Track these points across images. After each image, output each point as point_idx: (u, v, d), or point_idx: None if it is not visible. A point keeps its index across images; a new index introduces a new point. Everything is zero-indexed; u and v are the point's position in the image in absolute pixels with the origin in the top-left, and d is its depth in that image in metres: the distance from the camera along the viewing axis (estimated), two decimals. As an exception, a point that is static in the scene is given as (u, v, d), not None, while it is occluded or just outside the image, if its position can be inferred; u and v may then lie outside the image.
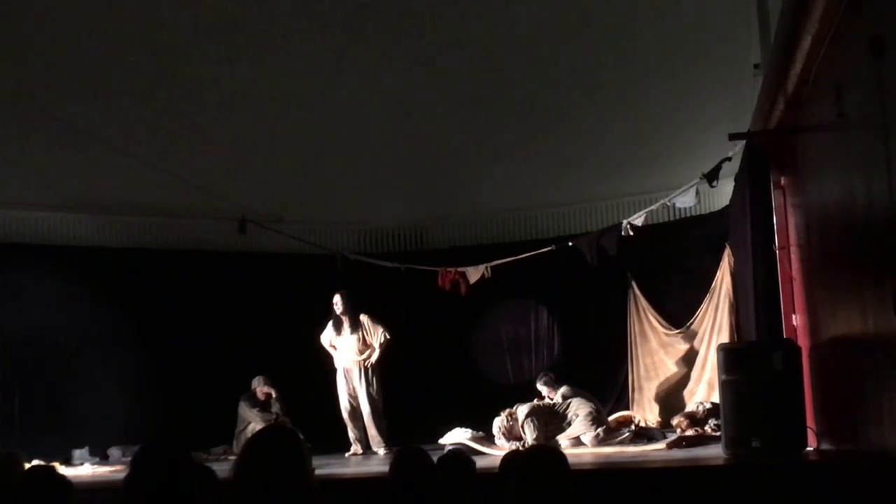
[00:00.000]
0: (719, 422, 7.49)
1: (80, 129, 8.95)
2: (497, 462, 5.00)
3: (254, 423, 9.90)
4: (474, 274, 10.89)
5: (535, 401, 9.66)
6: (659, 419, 10.64)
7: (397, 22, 7.59)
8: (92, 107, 8.64)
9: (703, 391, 10.36)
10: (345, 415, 10.12)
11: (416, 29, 7.71)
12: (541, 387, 9.86)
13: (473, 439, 9.30)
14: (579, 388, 9.74)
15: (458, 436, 9.38)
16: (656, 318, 11.17)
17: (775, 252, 7.52)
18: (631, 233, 9.85)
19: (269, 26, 7.53)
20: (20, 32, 7.35)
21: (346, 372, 10.18)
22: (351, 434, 10.11)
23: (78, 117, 8.79)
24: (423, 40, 7.90)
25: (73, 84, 8.19)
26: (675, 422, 9.55)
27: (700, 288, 10.76)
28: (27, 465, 4.81)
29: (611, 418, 9.99)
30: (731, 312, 10.23)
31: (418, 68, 8.29)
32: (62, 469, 6.67)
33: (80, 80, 8.14)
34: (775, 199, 7.62)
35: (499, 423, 9.41)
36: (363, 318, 10.17)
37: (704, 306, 10.70)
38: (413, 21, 7.59)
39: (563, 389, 9.70)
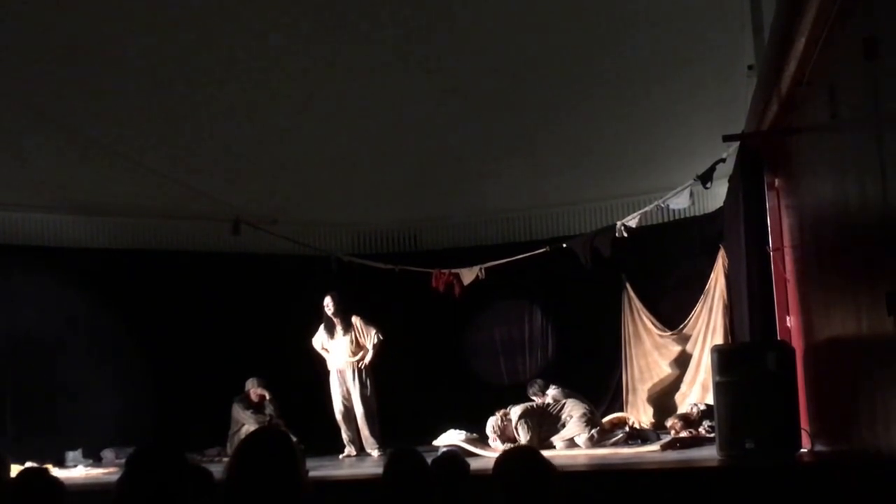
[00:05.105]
0: (713, 423, 7.50)
1: (73, 130, 8.93)
2: (491, 464, 5.01)
3: (247, 424, 9.88)
4: (468, 275, 10.90)
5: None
6: (653, 420, 10.65)
7: (393, 24, 7.58)
8: (86, 108, 8.62)
9: (697, 393, 10.37)
10: (338, 416, 10.11)
11: (411, 31, 7.71)
12: (532, 396, 9.88)
13: (467, 441, 9.30)
14: (569, 390, 9.75)
15: (451, 437, 9.38)
16: (650, 320, 11.18)
17: (769, 253, 7.53)
18: (625, 234, 9.87)
19: (266, 28, 7.52)
20: (16, 33, 7.33)
21: (340, 373, 10.17)
22: (345, 436, 10.10)
23: (72, 119, 8.77)
24: (418, 43, 7.89)
25: (68, 85, 8.17)
26: (669, 423, 9.56)
27: (694, 289, 10.77)
28: (20, 468, 4.79)
29: (605, 420, 9.99)
30: (725, 314, 10.24)
31: (413, 70, 8.29)
32: (55, 471, 6.65)
33: (75, 82, 8.12)
34: (769, 201, 7.63)
35: (493, 423, 9.41)
36: (355, 319, 10.15)
37: (698, 308, 10.71)
38: (408, 23, 7.59)
39: (552, 392, 9.72)
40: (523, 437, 9.17)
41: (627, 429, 9.62)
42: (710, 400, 8.23)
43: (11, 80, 8.00)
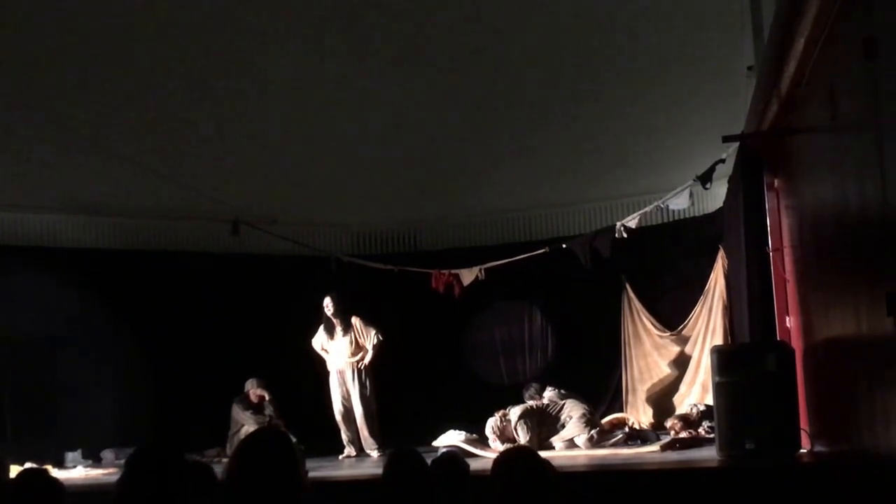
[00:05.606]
0: (713, 424, 7.50)
1: (73, 130, 8.93)
2: (491, 464, 5.01)
3: (247, 425, 9.88)
4: (468, 276, 10.89)
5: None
6: (652, 421, 10.65)
7: (393, 25, 7.58)
8: (85, 108, 8.62)
9: (697, 393, 10.37)
10: (338, 417, 10.11)
11: (411, 32, 7.71)
12: (528, 399, 9.88)
13: (467, 441, 9.29)
14: (566, 391, 9.75)
15: (451, 438, 9.37)
16: (650, 320, 11.18)
17: (769, 254, 7.53)
18: (625, 235, 9.86)
19: (265, 28, 7.52)
20: (15, 34, 7.33)
21: (340, 374, 10.17)
22: (344, 436, 10.10)
23: (72, 119, 8.77)
24: (417, 44, 7.89)
25: (66, 85, 8.16)
26: (668, 424, 9.56)
27: (694, 290, 10.76)
28: (20, 468, 4.78)
29: (604, 420, 9.99)
30: (724, 314, 10.24)
31: (413, 70, 8.28)
32: (54, 472, 6.65)
33: (73, 82, 8.11)
34: (769, 201, 7.63)
35: (492, 424, 9.41)
36: (354, 320, 10.15)
37: (698, 308, 10.71)
38: (408, 24, 7.59)
39: (549, 394, 9.73)
40: (523, 437, 9.17)
41: (627, 429, 9.62)
42: (710, 400, 8.23)
43: (11, 80, 8.00)
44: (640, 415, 10.89)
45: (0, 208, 10.69)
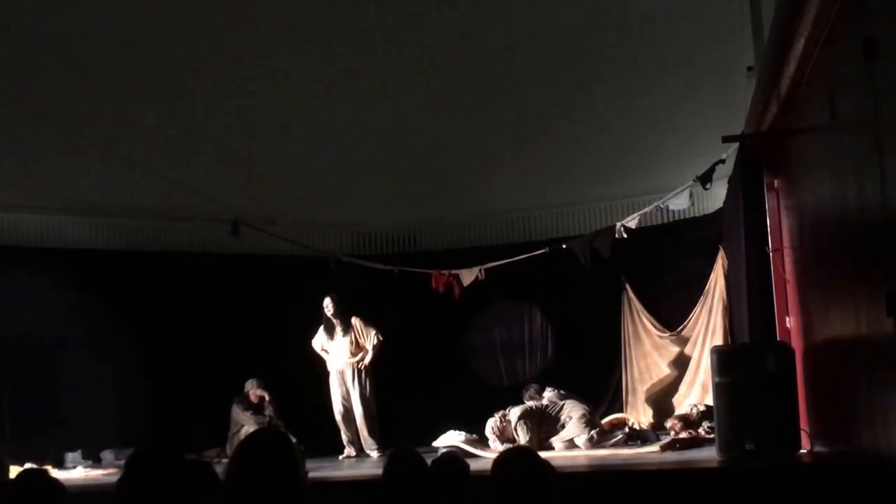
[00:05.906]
0: (713, 424, 7.50)
1: (71, 131, 8.93)
2: (490, 465, 5.00)
3: (247, 426, 9.88)
4: (468, 276, 10.89)
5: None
6: (652, 421, 10.65)
7: (392, 25, 7.58)
8: (84, 109, 8.62)
9: (697, 393, 10.37)
10: (338, 417, 10.12)
11: (410, 31, 7.71)
12: (527, 400, 9.88)
13: (467, 442, 9.29)
14: (565, 392, 9.75)
15: (451, 438, 9.37)
16: (650, 321, 11.18)
17: (768, 254, 7.52)
18: (625, 235, 9.85)
19: (265, 29, 7.52)
20: (17, 35, 7.33)
21: (340, 374, 10.17)
22: (344, 437, 10.10)
23: (70, 119, 8.77)
24: (417, 44, 7.89)
25: (65, 85, 8.16)
26: (668, 424, 9.55)
27: (694, 290, 10.76)
28: (20, 469, 4.79)
29: (604, 420, 9.99)
30: (724, 315, 10.24)
31: (412, 71, 8.29)
32: (54, 472, 6.65)
33: (72, 82, 8.11)
34: (768, 201, 7.63)
35: (492, 424, 9.41)
36: (354, 320, 10.16)
37: (698, 309, 10.71)
38: (408, 25, 7.59)
39: (548, 394, 9.72)
40: (522, 437, 9.17)
41: (627, 430, 9.62)
42: (710, 401, 8.23)
43: (11, 80, 8.00)
44: (640, 415, 10.89)
45: (0, 208, 10.69)
